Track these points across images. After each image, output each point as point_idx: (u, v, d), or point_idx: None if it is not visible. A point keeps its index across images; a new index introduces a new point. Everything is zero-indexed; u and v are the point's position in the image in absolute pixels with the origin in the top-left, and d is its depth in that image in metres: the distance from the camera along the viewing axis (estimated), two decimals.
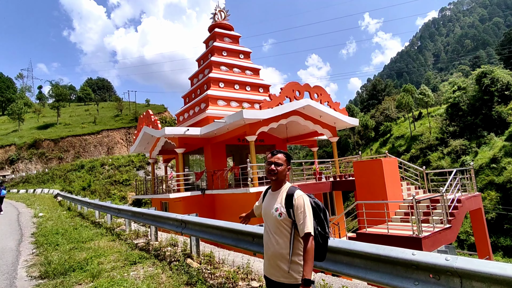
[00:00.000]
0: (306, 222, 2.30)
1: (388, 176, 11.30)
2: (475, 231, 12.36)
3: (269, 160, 2.54)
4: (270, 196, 2.55)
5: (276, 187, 2.54)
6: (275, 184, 2.54)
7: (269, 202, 2.52)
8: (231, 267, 5.02)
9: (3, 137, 56.26)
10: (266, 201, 2.57)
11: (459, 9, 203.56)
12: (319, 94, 16.14)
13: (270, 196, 2.57)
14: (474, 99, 44.15)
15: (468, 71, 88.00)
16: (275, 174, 2.48)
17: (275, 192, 2.52)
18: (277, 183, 2.52)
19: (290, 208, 2.35)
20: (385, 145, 54.64)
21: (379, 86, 77.93)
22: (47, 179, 44.99)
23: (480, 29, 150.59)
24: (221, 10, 22.28)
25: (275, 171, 2.48)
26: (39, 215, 13.85)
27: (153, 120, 17.26)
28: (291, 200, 2.37)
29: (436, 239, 8.37)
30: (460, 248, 28.77)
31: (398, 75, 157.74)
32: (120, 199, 38.00)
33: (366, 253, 2.93)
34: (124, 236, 8.25)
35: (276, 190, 2.53)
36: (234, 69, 20.23)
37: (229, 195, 14.37)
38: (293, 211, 2.34)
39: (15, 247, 7.87)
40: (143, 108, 73.97)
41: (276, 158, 2.51)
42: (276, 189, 2.54)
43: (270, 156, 2.56)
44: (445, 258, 2.37)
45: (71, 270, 5.26)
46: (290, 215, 2.35)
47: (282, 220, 2.37)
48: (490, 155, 36.19)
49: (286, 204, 2.38)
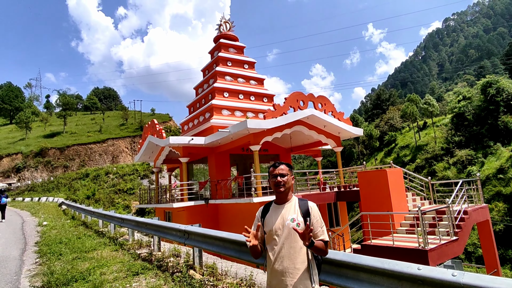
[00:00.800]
0: (325, 230, 2.40)
1: (393, 186, 11.20)
2: (483, 243, 12.13)
3: (273, 173, 2.51)
4: (277, 209, 2.49)
5: (283, 200, 2.51)
6: (282, 196, 2.50)
7: (278, 215, 2.45)
8: (234, 279, 4.96)
9: (10, 145, 56.95)
10: (272, 214, 2.49)
11: (463, 20, 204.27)
12: (323, 104, 16.18)
13: (276, 209, 2.50)
14: (479, 109, 43.89)
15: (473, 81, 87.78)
16: (283, 186, 2.45)
17: (283, 204, 2.49)
18: (284, 195, 2.49)
19: (307, 217, 2.37)
20: (390, 155, 54.28)
21: (383, 95, 77.92)
22: (52, 187, 45.27)
23: (485, 39, 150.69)
24: (226, 21, 22.62)
25: (282, 182, 2.45)
26: (43, 224, 13.89)
27: (158, 129, 17.39)
28: (308, 209, 2.41)
29: (443, 251, 8.22)
30: (468, 261, 28.17)
31: (402, 85, 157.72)
32: (124, 208, 38.02)
33: (370, 267, 2.89)
34: (127, 246, 8.22)
35: (283, 203, 2.49)
36: (239, 79, 20.40)
37: (233, 205, 14.31)
38: (310, 220, 2.36)
39: (19, 256, 7.88)
40: (149, 117, 74.63)
41: (280, 170, 2.49)
42: (283, 201, 2.50)
43: (272, 169, 2.54)
44: (451, 273, 2.32)
45: (73, 280, 5.24)
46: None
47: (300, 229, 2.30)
48: (497, 165, 35.73)
49: (303, 213, 2.39)
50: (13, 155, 52.81)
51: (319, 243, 2.32)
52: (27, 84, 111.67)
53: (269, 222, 2.47)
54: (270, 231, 2.43)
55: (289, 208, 2.44)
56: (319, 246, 2.30)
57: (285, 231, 2.37)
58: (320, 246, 2.32)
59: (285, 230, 2.37)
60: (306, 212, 2.39)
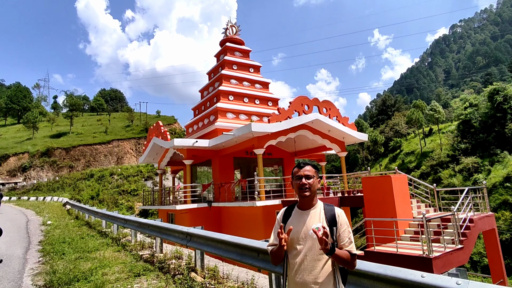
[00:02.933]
0: (353, 242, 2.14)
1: (398, 193, 11.09)
2: (489, 252, 11.93)
3: (298, 174, 2.23)
4: (301, 216, 2.21)
5: (308, 205, 2.23)
6: (307, 201, 2.22)
7: (302, 221, 2.18)
8: (236, 283, 4.94)
9: (17, 145, 57.63)
10: (295, 221, 2.21)
11: (470, 26, 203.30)
12: (328, 108, 16.15)
13: (300, 215, 2.22)
14: (486, 116, 43.46)
15: (479, 88, 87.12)
16: (308, 189, 2.18)
17: (308, 210, 2.21)
18: (309, 199, 2.21)
19: (334, 226, 2.12)
20: (395, 161, 53.89)
21: (388, 101, 77.59)
22: (57, 187, 45.62)
23: (492, 46, 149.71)
24: (232, 25, 22.77)
25: (307, 185, 2.18)
26: (47, 223, 13.98)
27: (162, 131, 17.48)
28: (334, 217, 2.16)
29: (448, 260, 8.10)
30: (473, 270, 27.73)
31: (408, 91, 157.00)
32: (128, 209, 38.15)
33: (373, 273, 2.86)
34: (130, 247, 8.23)
35: (308, 208, 2.22)
36: (244, 82, 20.47)
37: (236, 208, 14.29)
38: (337, 229, 2.13)
39: (22, 254, 7.93)
40: (154, 119, 75.12)
41: (306, 171, 2.22)
42: (308, 206, 2.22)
43: (297, 170, 2.26)
44: (456, 282, 2.29)
45: (75, 280, 5.25)
46: (332, 234, 2.11)
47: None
48: (503, 173, 35.26)
49: (329, 221, 2.14)
50: (19, 154, 53.43)
51: (343, 252, 2.07)
52: (35, 85, 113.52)
53: (293, 229, 2.18)
54: (292, 239, 2.16)
55: (314, 215, 2.18)
56: (341, 255, 2.04)
57: (308, 241, 2.12)
58: (343, 256, 2.05)
59: (309, 240, 2.12)
60: (332, 220, 2.14)
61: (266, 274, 4.82)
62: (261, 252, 4.03)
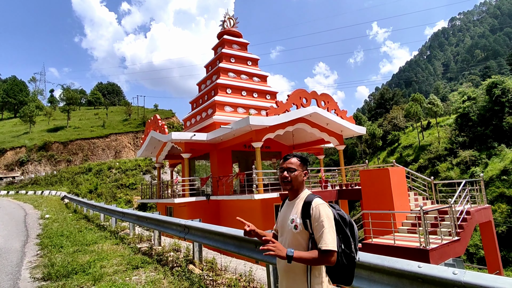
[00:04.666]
0: (325, 236, 1.92)
1: (395, 186, 11.14)
2: (485, 244, 12.05)
3: (281, 166, 2.24)
4: (286, 207, 2.24)
5: (292, 196, 2.22)
6: (291, 193, 2.22)
7: (285, 213, 2.21)
8: (233, 275, 4.96)
9: (14, 139, 57.31)
10: (282, 212, 2.26)
11: (469, 19, 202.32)
12: (326, 101, 16.10)
13: (286, 206, 2.25)
14: (484, 110, 43.54)
15: (478, 81, 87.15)
16: (288, 182, 2.16)
17: (292, 201, 2.21)
18: (292, 191, 2.20)
19: (306, 219, 2.02)
20: (393, 154, 54.07)
21: (387, 95, 77.53)
22: (55, 181, 45.54)
23: (491, 39, 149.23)
24: (230, 18, 22.54)
25: (288, 178, 2.16)
26: (45, 217, 13.98)
27: (160, 124, 17.40)
28: (308, 209, 2.03)
29: (444, 251, 8.18)
30: (470, 261, 28.06)
31: (406, 84, 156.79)
32: (126, 203, 38.20)
33: (370, 264, 2.86)
34: (128, 240, 8.25)
35: (292, 200, 2.21)
36: (242, 75, 20.35)
37: (234, 201, 14.32)
38: (310, 222, 2.00)
39: (20, 248, 7.93)
40: (152, 113, 74.80)
41: (289, 163, 2.19)
42: (292, 198, 2.22)
43: (282, 162, 2.26)
44: (452, 272, 2.29)
45: (73, 272, 5.26)
46: (307, 227, 2.01)
47: (299, 233, 2.03)
48: (500, 166, 35.48)
49: (303, 214, 2.04)
50: (17, 148, 53.18)
51: (306, 254, 1.90)
52: (31, 78, 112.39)
53: (278, 219, 2.29)
54: (278, 229, 2.28)
55: (294, 207, 2.15)
56: (304, 257, 1.88)
57: (286, 232, 2.13)
58: (306, 257, 1.89)
59: (286, 232, 2.13)
60: (305, 213, 2.04)
61: (263, 265, 4.84)
62: (259, 244, 4.03)
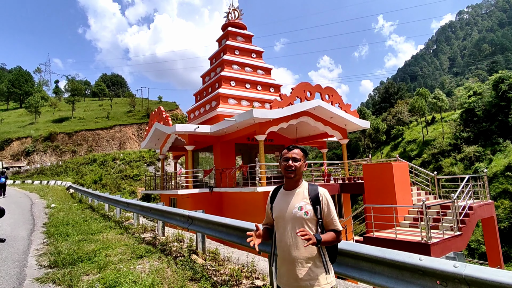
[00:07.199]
0: (335, 219, 2.23)
1: (398, 180, 11.14)
2: (487, 240, 12.07)
3: (286, 155, 2.33)
4: (285, 196, 2.31)
5: (292, 186, 2.32)
6: (291, 183, 2.31)
7: (286, 201, 2.28)
8: (236, 265, 5.03)
9: (20, 129, 57.81)
10: (280, 201, 2.32)
11: (477, 13, 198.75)
12: (330, 95, 16.01)
13: (285, 195, 2.32)
14: (490, 105, 43.07)
15: (484, 76, 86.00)
16: (293, 171, 2.27)
17: (292, 190, 2.30)
18: (294, 181, 2.30)
19: (317, 205, 2.20)
20: (396, 149, 53.84)
21: (391, 89, 76.82)
22: (61, 171, 46.01)
23: (499, 33, 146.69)
24: (234, 9, 22.33)
25: (293, 167, 2.26)
26: (51, 206, 14.18)
27: (164, 116, 17.44)
28: (317, 196, 2.22)
29: (446, 246, 8.21)
30: (471, 257, 28.12)
31: (412, 79, 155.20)
32: (130, 194, 38.56)
33: (372, 256, 2.89)
34: (132, 230, 8.37)
35: (292, 189, 2.31)
36: (246, 68, 20.25)
37: (237, 193, 14.41)
38: (320, 208, 2.20)
39: (27, 236, 8.07)
40: (156, 104, 74.87)
41: (294, 153, 2.31)
42: (292, 187, 2.31)
43: (286, 152, 2.35)
44: (453, 264, 2.31)
45: (79, 260, 5.36)
46: (317, 212, 2.20)
47: (308, 219, 2.18)
48: (505, 162, 35.24)
49: (313, 201, 2.21)
50: (22, 138, 53.68)
51: (328, 235, 2.17)
52: (36, 69, 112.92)
53: (277, 208, 2.32)
54: (277, 218, 2.30)
55: (298, 195, 2.26)
56: (328, 239, 2.16)
57: (292, 219, 2.20)
58: (329, 239, 2.17)
59: (293, 219, 2.20)
60: (315, 200, 2.21)
61: (266, 257, 4.90)
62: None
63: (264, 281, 4.30)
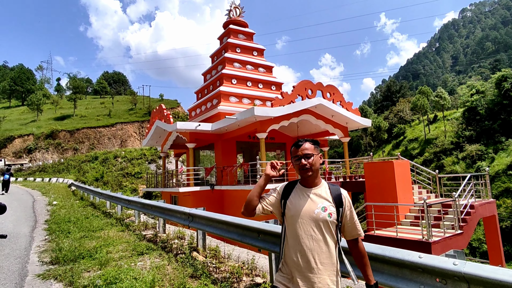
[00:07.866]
0: (358, 224, 2.14)
1: (399, 178, 11.12)
2: (488, 238, 12.05)
3: (296, 154, 2.08)
4: (305, 193, 2.07)
5: (312, 183, 2.09)
6: (311, 180, 2.08)
7: (305, 200, 2.04)
8: (236, 262, 5.04)
9: (22, 126, 58.00)
10: (297, 199, 2.06)
11: (480, 10, 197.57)
12: (331, 93, 15.98)
13: (304, 193, 2.07)
14: (492, 104, 42.86)
15: (487, 75, 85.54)
16: (309, 169, 2.03)
17: (311, 188, 2.08)
18: (312, 178, 2.07)
19: (340, 208, 2.03)
20: (398, 147, 53.73)
21: (393, 87, 76.59)
22: (62, 169, 46.16)
23: (502, 31, 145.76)
24: (236, 7, 22.27)
25: (307, 165, 2.03)
26: (53, 203, 14.24)
27: (165, 114, 17.46)
28: (340, 197, 2.05)
29: (446, 244, 8.20)
30: (472, 255, 28.07)
31: (414, 77, 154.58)
32: (132, 191, 38.66)
33: (371, 254, 2.89)
34: (133, 227, 8.40)
35: (312, 187, 2.08)
36: (247, 66, 20.22)
37: (238, 191, 14.42)
38: (343, 210, 2.04)
39: (29, 233, 8.12)
40: (157, 102, 74.92)
41: (304, 150, 2.05)
42: (312, 185, 2.08)
43: (295, 150, 2.10)
44: (453, 262, 2.31)
45: (80, 257, 5.39)
46: (339, 215, 2.03)
47: (331, 221, 1.98)
48: (507, 161, 35.12)
49: (336, 203, 2.03)
50: (24, 136, 53.87)
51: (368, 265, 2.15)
52: (38, 67, 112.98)
53: (294, 206, 2.04)
54: (293, 217, 2.02)
55: (320, 194, 2.05)
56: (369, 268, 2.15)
57: (313, 221, 1.98)
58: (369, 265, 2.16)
59: (313, 220, 1.98)
60: (339, 201, 2.04)
61: (266, 254, 4.91)
62: (262, 232, 4.09)
63: (264, 278, 4.31)
